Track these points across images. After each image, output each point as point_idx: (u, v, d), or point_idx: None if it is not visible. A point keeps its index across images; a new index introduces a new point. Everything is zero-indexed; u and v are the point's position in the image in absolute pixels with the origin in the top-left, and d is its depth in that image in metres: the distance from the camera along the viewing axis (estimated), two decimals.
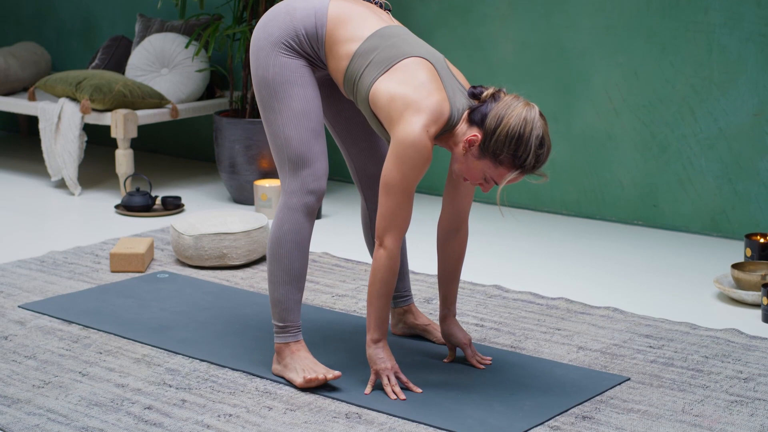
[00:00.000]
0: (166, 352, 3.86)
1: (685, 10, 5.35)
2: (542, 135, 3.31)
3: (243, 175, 6.00)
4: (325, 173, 3.54)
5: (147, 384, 3.58)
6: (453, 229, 3.69)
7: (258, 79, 3.56)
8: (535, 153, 3.30)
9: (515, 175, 3.34)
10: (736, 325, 4.19)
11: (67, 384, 3.57)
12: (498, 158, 3.32)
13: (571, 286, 4.66)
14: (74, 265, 4.86)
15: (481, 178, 3.41)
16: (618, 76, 5.59)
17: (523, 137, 3.28)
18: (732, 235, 5.38)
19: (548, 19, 5.76)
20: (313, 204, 3.53)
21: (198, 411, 3.38)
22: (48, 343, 3.94)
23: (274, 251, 3.55)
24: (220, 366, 3.73)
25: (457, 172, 3.46)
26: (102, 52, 6.94)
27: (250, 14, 6.01)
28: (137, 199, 5.85)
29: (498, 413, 3.36)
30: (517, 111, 3.30)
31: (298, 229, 3.52)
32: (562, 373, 3.68)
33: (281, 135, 3.50)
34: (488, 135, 3.32)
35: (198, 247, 4.81)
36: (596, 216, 5.78)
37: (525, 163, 3.31)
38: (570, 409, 3.41)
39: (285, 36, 3.51)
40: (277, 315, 3.57)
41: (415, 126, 3.31)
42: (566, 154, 5.78)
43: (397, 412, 3.36)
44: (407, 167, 3.34)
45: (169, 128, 7.27)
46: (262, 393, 3.51)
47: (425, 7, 6.13)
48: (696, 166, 5.43)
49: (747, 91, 5.25)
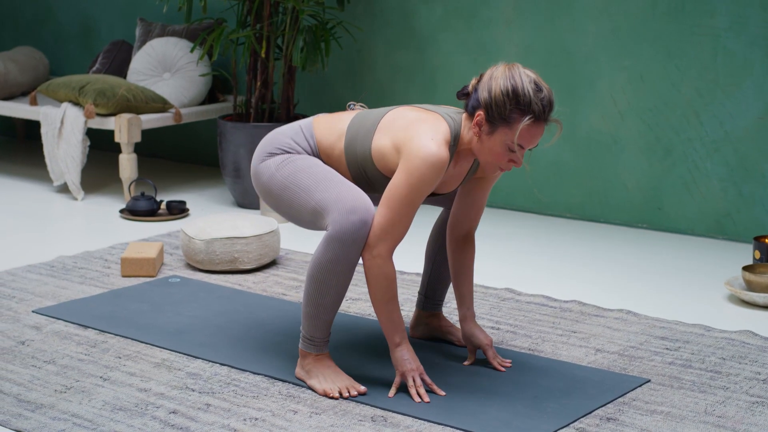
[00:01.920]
0: (185, 357, 3.86)
1: (691, 13, 5.38)
2: (535, 80, 3.39)
3: (247, 180, 6.00)
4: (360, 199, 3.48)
5: (169, 388, 3.58)
6: (462, 236, 3.74)
7: (264, 188, 3.63)
8: (536, 96, 3.36)
9: (529, 122, 3.35)
10: (749, 327, 4.21)
11: (89, 389, 3.57)
12: (507, 119, 3.36)
13: (581, 289, 4.68)
14: (84, 270, 4.86)
15: (506, 152, 3.41)
16: (623, 80, 5.62)
17: (517, 87, 3.35)
18: (737, 238, 5.41)
19: (553, 23, 5.78)
20: (356, 229, 3.41)
21: (223, 415, 3.38)
22: (66, 347, 3.94)
23: (312, 273, 3.47)
24: (241, 370, 3.73)
25: (484, 164, 3.48)
26: (103, 57, 6.94)
27: (255, 18, 6.01)
28: (142, 203, 5.84)
29: (522, 415, 3.38)
30: (500, 72, 3.39)
31: (338, 258, 3.42)
32: (583, 375, 3.69)
33: (311, 203, 3.50)
34: (488, 106, 3.37)
35: (209, 252, 4.81)
36: (601, 219, 5.80)
37: (532, 108, 3.35)
38: (594, 411, 3.42)
39: (279, 145, 3.62)
40: (305, 326, 3.57)
41: (426, 141, 3.38)
42: (571, 158, 5.80)
43: (422, 414, 3.37)
44: (416, 180, 3.37)
45: (170, 133, 7.26)
46: (285, 397, 3.52)
47: (429, 11, 6.14)
48: (701, 169, 5.46)
49: (752, 94, 5.28)
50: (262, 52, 5.92)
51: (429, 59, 6.18)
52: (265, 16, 5.95)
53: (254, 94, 6.07)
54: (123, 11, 7.48)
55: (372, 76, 6.40)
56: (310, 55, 5.84)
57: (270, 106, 6.11)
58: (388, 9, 6.28)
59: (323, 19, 6.00)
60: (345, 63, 6.46)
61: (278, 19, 6.01)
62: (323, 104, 6.59)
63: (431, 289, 3.96)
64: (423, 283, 3.98)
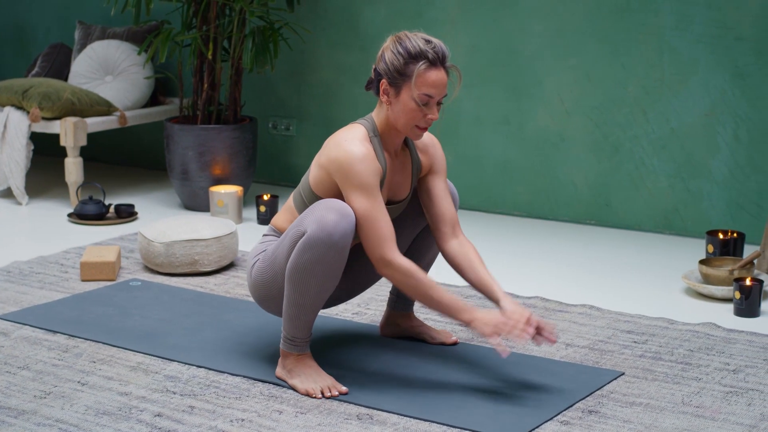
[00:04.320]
0: (160, 359, 3.85)
1: (636, 12, 5.48)
2: (423, 36, 3.53)
3: (196, 182, 5.99)
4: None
5: (150, 391, 3.57)
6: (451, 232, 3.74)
7: (265, 285, 3.65)
8: (425, 44, 3.49)
9: (425, 67, 3.46)
10: (709, 319, 4.30)
11: (69, 394, 3.55)
12: (405, 73, 3.48)
13: (541, 285, 4.74)
14: (42, 275, 4.81)
15: (418, 108, 3.50)
16: (570, 79, 5.70)
17: (406, 43, 3.50)
18: (685, 233, 5.51)
19: (499, 23, 5.84)
20: (334, 224, 3.41)
21: (209, 417, 3.38)
22: (38, 353, 3.91)
23: (290, 275, 3.47)
24: (219, 372, 3.73)
25: (405, 129, 3.54)
26: (42, 60, 6.87)
27: (201, 20, 5.99)
28: (91, 207, 5.80)
29: (505, 410, 3.42)
30: (388, 42, 3.56)
31: (316, 259, 3.41)
32: (558, 370, 3.75)
33: (288, 239, 3.52)
34: (386, 71, 3.52)
35: (169, 254, 4.79)
36: (549, 216, 5.88)
37: (424, 55, 3.47)
38: (574, 404, 3.48)
39: (255, 254, 3.69)
40: (286, 327, 3.57)
41: (343, 145, 3.49)
42: (519, 156, 5.87)
43: (407, 411, 3.40)
44: (357, 180, 3.44)
45: (112, 136, 7.20)
46: (268, 397, 3.53)
47: (374, 12, 6.17)
48: (648, 165, 5.55)
49: (698, 91, 5.38)
50: (209, 54, 5.91)
51: (374, 59, 6.17)
52: (212, 17, 5.93)
53: (201, 97, 6.05)
54: (59, 14, 7.41)
55: (316, 77, 6.42)
56: (260, 57, 5.84)
57: (217, 108, 6.10)
58: (332, 10, 6.30)
59: (270, 20, 6.00)
60: (288, 64, 6.47)
61: (225, 21, 6.00)
62: (268, 105, 6.59)
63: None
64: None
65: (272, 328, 4.10)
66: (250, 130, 6.08)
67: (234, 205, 5.73)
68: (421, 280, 3.47)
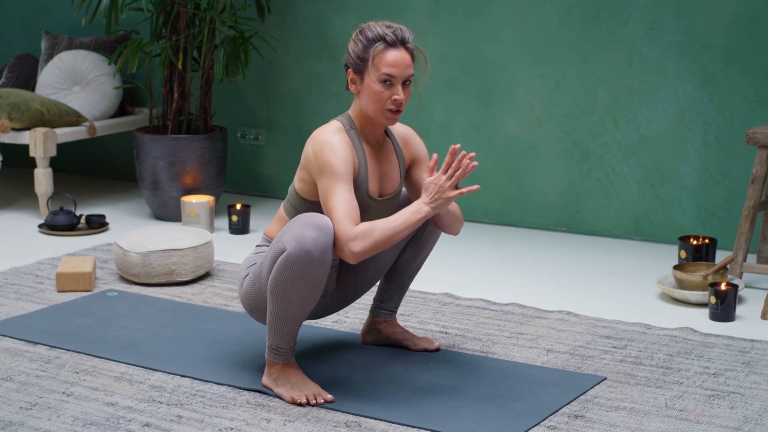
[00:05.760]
0: (143, 369, 3.85)
1: (606, 21, 5.53)
2: (385, 22, 3.58)
3: (166, 192, 5.98)
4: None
5: (136, 401, 3.57)
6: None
7: (255, 296, 3.66)
8: (386, 29, 3.54)
9: (382, 47, 3.51)
10: (685, 324, 4.35)
11: (55, 405, 3.54)
12: (366, 57, 3.54)
13: (517, 292, 4.77)
14: (17, 286, 4.79)
15: (383, 90, 3.53)
16: (539, 87, 5.74)
17: (364, 30, 3.58)
18: (655, 239, 5.57)
19: (469, 32, 5.87)
20: (314, 245, 3.40)
21: (197, 426, 3.38)
22: (20, 364, 3.89)
23: (271, 289, 3.47)
24: (204, 381, 3.73)
25: (375, 114, 3.57)
26: (8, 71, 6.83)
27: (170, 31, 5.99)
28: (61, 218, 5.78)
29: (492, 416, 3.45)
30: (352, 35, 3.60)
31: (297, 275, 3.41)
32: (541, 375, 3.78)
33: (269, 254, 3.53)
34: (350, 60, 3.59)
35: (146, 264, 4.79)
36: (519, 224, 5.92)
37: (379, 36, 3.53)
38: (560, 409, 3.51)
39: (246, 265, 3.71)
40: (270, 337, 3.58)
41: (317, 137, 3.55)
42: (489, 164, 5.91)
43: (395, 418, 3.42)
44: (329, 167, 3.47)
45: (80, 147, 7.17)
46: (254, 406, 3.53)
47: (343, 20, 6.19)
48: (618, 172, 5.61)
49: (667, 99, 5.44)
50: (179, 64, 5.90)
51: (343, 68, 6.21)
52: (182, 27, 5.93)
53: (171, 107, 6.04)
54: (23, 25, 7.37)
55: (285, 86, 6.43)
56: (231, 66, 5.85)
57: (187, 118, 6.10)
58: (300, 19, 6.31)
59: (241, 29, 6.01)
60: (257, 74, 6.47)
61: (195, 31, 6.00)
62: (238, 115, 6.59)
63: (389, 294, 4.00)
64: (380, 290, 4.01)
65: (253, 337, 4.11)
66: (220, 140, 6.08)
67: (206, 214, 5.73)
68: (380, 225, 3.43)
